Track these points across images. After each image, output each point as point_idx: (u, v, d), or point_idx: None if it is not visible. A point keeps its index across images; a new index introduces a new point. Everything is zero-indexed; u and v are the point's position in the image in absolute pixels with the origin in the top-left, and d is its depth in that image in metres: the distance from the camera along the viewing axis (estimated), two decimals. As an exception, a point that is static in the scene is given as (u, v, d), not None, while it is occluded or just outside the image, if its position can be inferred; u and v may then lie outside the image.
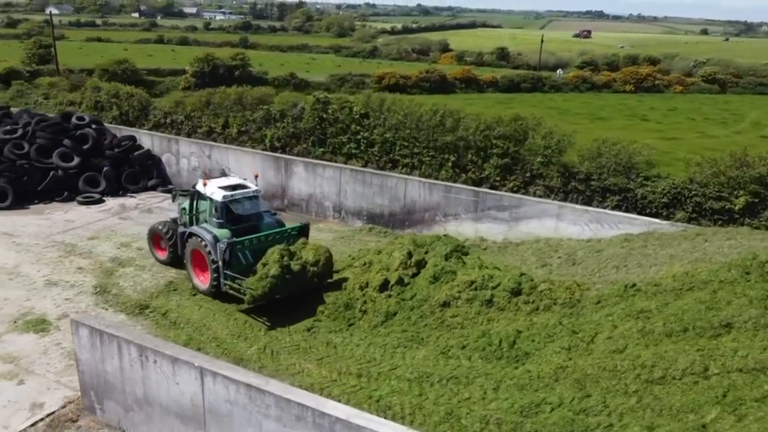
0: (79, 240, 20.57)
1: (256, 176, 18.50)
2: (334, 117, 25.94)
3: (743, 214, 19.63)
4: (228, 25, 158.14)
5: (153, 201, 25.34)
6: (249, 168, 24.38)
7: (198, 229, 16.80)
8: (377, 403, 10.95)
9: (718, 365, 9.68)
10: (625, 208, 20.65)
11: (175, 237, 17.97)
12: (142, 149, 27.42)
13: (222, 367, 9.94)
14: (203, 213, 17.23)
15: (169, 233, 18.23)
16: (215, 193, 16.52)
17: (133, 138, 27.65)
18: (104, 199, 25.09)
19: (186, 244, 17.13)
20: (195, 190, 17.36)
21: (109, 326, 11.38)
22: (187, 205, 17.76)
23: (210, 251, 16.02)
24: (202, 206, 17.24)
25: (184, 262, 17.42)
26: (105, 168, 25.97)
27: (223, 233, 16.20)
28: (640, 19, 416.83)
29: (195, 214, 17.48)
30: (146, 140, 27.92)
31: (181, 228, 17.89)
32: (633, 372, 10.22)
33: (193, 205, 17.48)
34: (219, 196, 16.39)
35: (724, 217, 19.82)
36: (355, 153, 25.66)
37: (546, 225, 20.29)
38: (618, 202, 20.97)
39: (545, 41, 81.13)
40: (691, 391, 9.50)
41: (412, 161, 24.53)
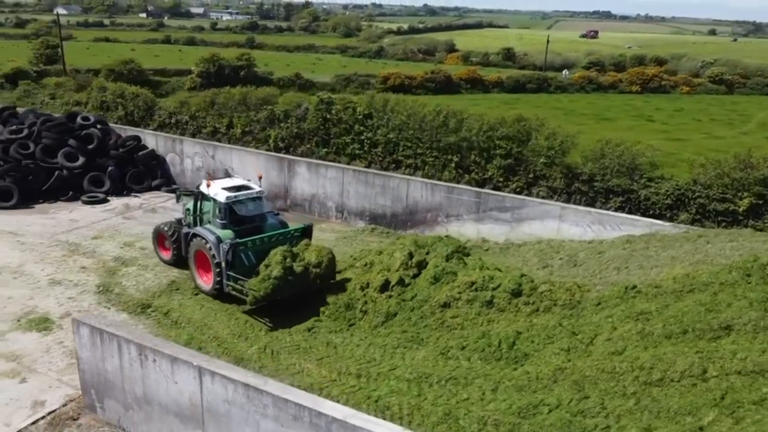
0: (83, 239, 20.69)
1: (260, 177, 18.58)
2: (337, 117, 25.99)
3: (747, 216, 19.56)
4: (235, 25, 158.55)
5: (157, 201, 25.46)
6: (253, 168, 24.47)
7: (201, 229, 16.88)
8: (376, 403, 10.96)
9: (717, 368, 9.65)
10: (629, 210, 20.59)
11: (179, 237, 18.06)
12: (147, 149, 27.55)
13: (220, 367, 9.98)
14: (207, 214, 17.28)
15: (173, 234, 18.32)
16: (219, 194, 16.58)
17: (137, 138, 27.80)
18: (108, 198, 25.22)
19: (190, 244, 17.22)
20: (199, 191, 17.43)
21: (110, 325, 11.46)
22: (191, 206, 17.84)
23: (213, 252, 16.09)
24: (206, 207, 17.30)
25: (187, 262, 17.52)
26: (109, 168, 26.11)
27: (227, 234, 16.25)
28: (648, 19, 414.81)
29: (199, 214, 17.54)
30: (151, 140, 28.06)
31: (185, 228, 17.95)
32: (631, 374, 10.20)
33: (197, 206, 17.54)
34: (222, 197, 16.44)
35: (728, 219, 19.74)
36: (358, 153, 25.69)
37: (548, 226, 20.27)
38: (621, 203, 20.91)
39: (552, 42, 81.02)
40: (689, 393, 9.48)
41: (415, 162, 24.54)
